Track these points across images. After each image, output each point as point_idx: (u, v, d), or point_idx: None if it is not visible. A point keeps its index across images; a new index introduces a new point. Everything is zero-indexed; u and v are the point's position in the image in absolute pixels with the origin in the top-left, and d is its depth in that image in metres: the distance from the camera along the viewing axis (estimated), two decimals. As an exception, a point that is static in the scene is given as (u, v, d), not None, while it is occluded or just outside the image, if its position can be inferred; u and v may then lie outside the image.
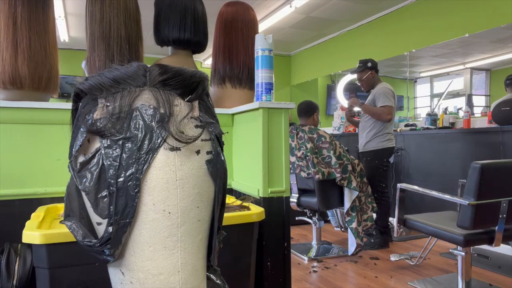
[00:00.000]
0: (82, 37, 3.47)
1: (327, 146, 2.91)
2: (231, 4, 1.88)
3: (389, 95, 3.20)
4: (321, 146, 2.93)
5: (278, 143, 1.45)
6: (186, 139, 0.62)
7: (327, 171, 2.84)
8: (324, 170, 2.83)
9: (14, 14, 1.36)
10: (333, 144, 2.93)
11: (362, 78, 3.37)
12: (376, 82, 3.36)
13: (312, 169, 2.81)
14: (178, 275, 0.63)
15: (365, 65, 3.35)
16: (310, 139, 2.94)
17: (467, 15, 3.76)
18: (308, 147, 2.88)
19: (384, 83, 3.34)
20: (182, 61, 1.77)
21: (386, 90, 3.23)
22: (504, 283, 2.46)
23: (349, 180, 2.85)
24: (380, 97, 3.21)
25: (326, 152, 2.91)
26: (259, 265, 1.39)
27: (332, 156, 2.87)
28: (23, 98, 1.41)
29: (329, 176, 2.84)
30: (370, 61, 3.35)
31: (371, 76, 3.35)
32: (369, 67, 3.34)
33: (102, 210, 0.62)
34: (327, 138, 2.95)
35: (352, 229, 2.87)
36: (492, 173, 1.83)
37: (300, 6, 4.44)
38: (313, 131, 2.99)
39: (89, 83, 0.62)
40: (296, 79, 6.86)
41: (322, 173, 2.80)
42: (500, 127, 2.99)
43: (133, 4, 1.57)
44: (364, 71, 3.35)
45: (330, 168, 2.86)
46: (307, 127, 3.02)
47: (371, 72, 3.34)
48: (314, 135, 2.97)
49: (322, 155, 2.92)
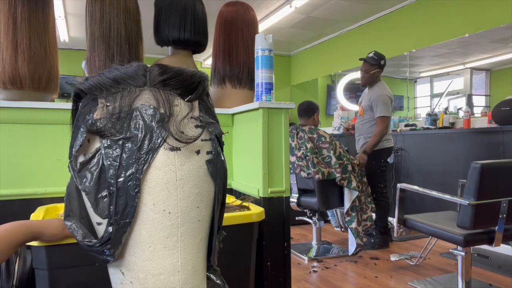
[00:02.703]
0: (82, 37, 3.47)
1: (327, 146, 2.92)
2: (231, 4, 1.88)
3: (387, 105, 3.16)
4: (321, 146, 2.94)
5: (278, 143, 1.45)
6: (186, 139, 0.62)
7: (327, 171, 2.84)
8: (324, 170, 2.83)
9: (14, 14, 1.36)
10: (333, 144, 2.94)
11: (368, 71, 3.28)
12: (375, 81, 3.31)
13: (312, 169, 2.81)
14: (178, 275, 0.63)
15: (379, 61, 3.26)
16: (310, 139, 2.94)
17: (467, 15, 3.76)
18: (308, 147, 2.88)
19: (383, 85, 3.29)
20: (182, 61, 1.77)
21: (385, 98, 3.17)
22: (504, 283, 2.46)
23: (349, 180, 2.85)
24: (379, 105, 3.16)
25: (326, 152, 2.91)
26: (259, 265, 1.39)
27: (332, 156, 2.88)
28: (23, 98, 1.41)
29: (329, 176, 2.84)
30: (384, 59, 3.29)
31: (377, 74, 3.29)
32: (381, 65, 3.28)
33: (102, 210, 0.62)
34: (327, 138, 2.95)
35: (352, 229, 2.87)
36: (492, 173, 1.83)
37: (300, 6, 4.44)
38: (313, 131, 2.99)
39: (89, 83, 0.62)
40: (296, 79, 6.86)
41: (322, 173, 2.80)
42: (500, 127, 2.99)
43: (133, 4, 1.57)
44: (373, 66, 3.27)
45: (330, 168, 2.86)
46: (307, 127, 3.02)
47: (379, 70, 3.29)
48: (314, 135, 2.97)
49: (322, 155, 2.92)
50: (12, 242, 0.76)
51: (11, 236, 0.76)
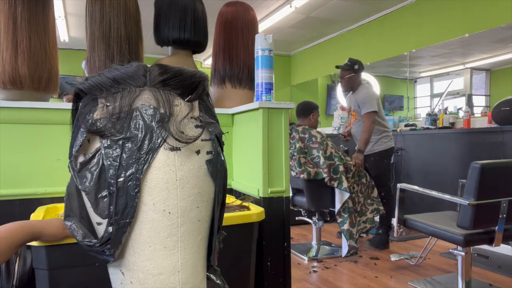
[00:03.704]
0: (82, 37, 3.47)
1: (317, 146, 2.93)
2: (231, 4, 1.88)
3: (372, 100, 3.20)
4: (311, 146, 2.96)
5: (278, 143, 1.45)
6: (186, 139, 0.62)
7: (314, 171, 2.86)
8: (310, 170, 2.84)
9: (14, 14, 1.36)
10: (324, 144, 2.94)
11: (344, 76, 3.35)
12: (356, 85, 3.34)
13: (298, 168, 2.83)
14: (178, 275, 0.63)
15: (352, 66, 3.31)
16: (300, 139, 2.98)
17: (467, 15, 3.76)
18: (297, 146, 2.91)
19: (366, 87, 3.36)
20: (182, 61, 1.77)
21: (368, 96, 3.22)
22: (504, 283, 2.46)
23: (340, 181, 2.84)
24: (364, 103, 3.21)
25: (315, 152, 2.93)
26: (259, 265, 1.39)
27: (321, 156, 2.88)
28: (23, 98, 1.41)
29: (316, 176, 2.85)
30: (358, 64, 3.32)
31: (353, 78, 3.32)
32: (355, 70, 3.31)
33: (102, 210, 0.62)
34: (318, 138, 2.97)
35: (344, 231, 2.86)
36: (492, 173, 1.83)
37: (300, 6, 4.44)
38: (305, 131, 3.02)
39: (89, 83, 0.62)
40: (296, 79, 6.85)
41: (308, 173, 2.82)
42: (500, 127, 2.99)
43: (133, 4, 1.56)
44: (348, 71, 3.32)
45: (318, 168, 2.87)
46: (301, 127, 3.06)
47: (354, 75, 3.31)
48: (306, 135, 3.00)
49: (312, 155, 2.94)
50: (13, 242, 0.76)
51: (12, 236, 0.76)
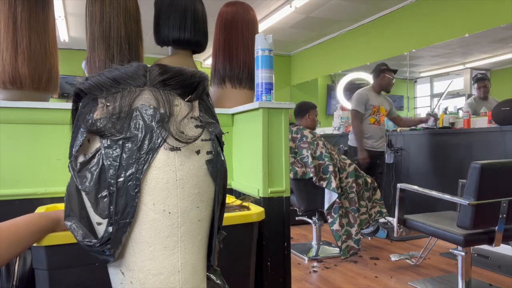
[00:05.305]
0: (82, 37, 3.46)
1: (306, 146, 2.94)
2: (231, 4, 1.88)
3: (353, 100, 3.56)
4: (302, 146, 2.97)
5: (278, 143, 1.45)
6: (186, 139, 0.62)
7: (302, 171, 2.86)
8: (298, 169, 2.85)
9: (14, 14, 1.36)
10: (313, 144, 2.95)
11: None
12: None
13: None
14: (178, 275, 0.63)
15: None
16: (292, 139, 3.01)
17: (467, 15, 3.76)
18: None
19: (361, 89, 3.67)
20: (182, 61, 1.77)
21: (355, 96, 3.60)
22: (504, 283, 2.46)
23: (329, 181, 2.83)
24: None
25: (305, 152, 2.94)
26: (259, 265, 1.39)
27: (309, 156, 2.89)
28: (23, 98, 1.41)
29: (304, 175, 2.86)
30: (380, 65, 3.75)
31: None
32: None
33: (102, 210, 0.61)
34: (309, 138, 2.98)
35: (333, 231, 2.83)
36: (492, 173, 1.83)
37: (300, 6, 4.44)
38: (299, 131, 3.04)
39: (89, 83, 0.62)
40: (296, 79, 6.85)
41: (294, 172, 2.83)
42: (500, 127, 2.99)
43: (133, 4, 1.56)
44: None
45: (306, 168, 2.87)
46: (295, 128, 3.08)
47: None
48: (298, 135, 3.02)
49: (302, 154, 2.95)
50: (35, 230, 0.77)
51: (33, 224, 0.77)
